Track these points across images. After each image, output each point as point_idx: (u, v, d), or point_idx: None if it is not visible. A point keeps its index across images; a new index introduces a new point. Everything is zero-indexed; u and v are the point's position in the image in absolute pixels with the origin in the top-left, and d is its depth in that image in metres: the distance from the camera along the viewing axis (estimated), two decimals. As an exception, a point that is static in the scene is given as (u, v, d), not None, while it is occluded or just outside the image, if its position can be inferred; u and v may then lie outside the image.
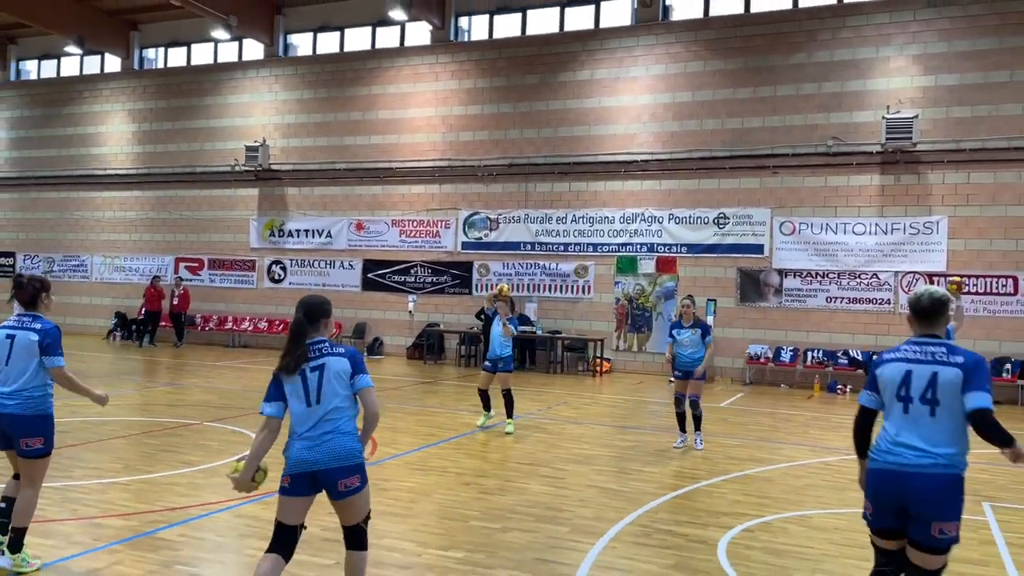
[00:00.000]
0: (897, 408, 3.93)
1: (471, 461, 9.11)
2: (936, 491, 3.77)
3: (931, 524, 3.77)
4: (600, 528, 6.62)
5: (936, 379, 3.83)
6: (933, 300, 4.03)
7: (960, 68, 16.95)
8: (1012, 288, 16.48)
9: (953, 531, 3.80)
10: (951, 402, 3.80)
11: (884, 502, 3.91)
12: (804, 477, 8.93)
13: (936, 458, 3.79)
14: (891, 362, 4.01)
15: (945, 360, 3.85)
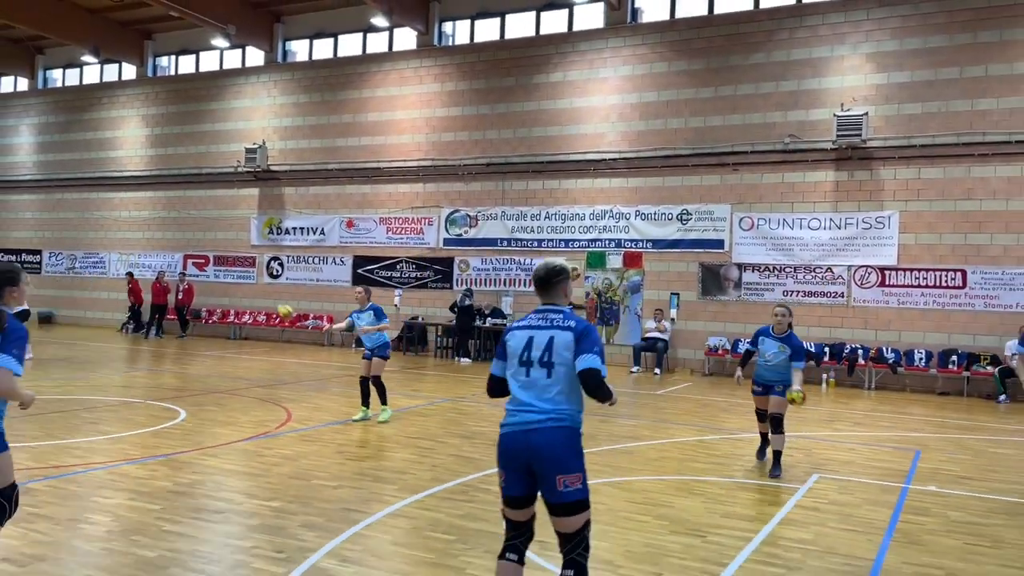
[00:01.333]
0: (520, 372, 4.17)
1: (369, 435, 9.95)
2: (554, 445, 4.00)
3: (555, 477, 3.96)
4: (424, 486, 7.42)
5: (552, 342, 4.13)
6: (548, 270, 4.40)
7: (911, 66, 17.25)
8: (961, 282, 16.74)
9: (577, 483, 3.99)
10: (565, 363, 4.10)
11: (512, 464, 4.08)
12: (664, 451, 9.58)
13: (551, 414, 4.06)
14: (517, 330, 4.28)
15: (561, 325, 4.17)
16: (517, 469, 4.08)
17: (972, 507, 7.46)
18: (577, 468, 4.05)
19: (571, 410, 4.14)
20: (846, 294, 17.71)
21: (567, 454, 4.03)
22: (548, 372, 4.12)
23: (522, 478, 4.08)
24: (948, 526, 6.79)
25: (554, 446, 4.02)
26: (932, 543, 6.29)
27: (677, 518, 6.73)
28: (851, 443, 10.70)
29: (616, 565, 5.52)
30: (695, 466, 8.87)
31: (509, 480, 4.12)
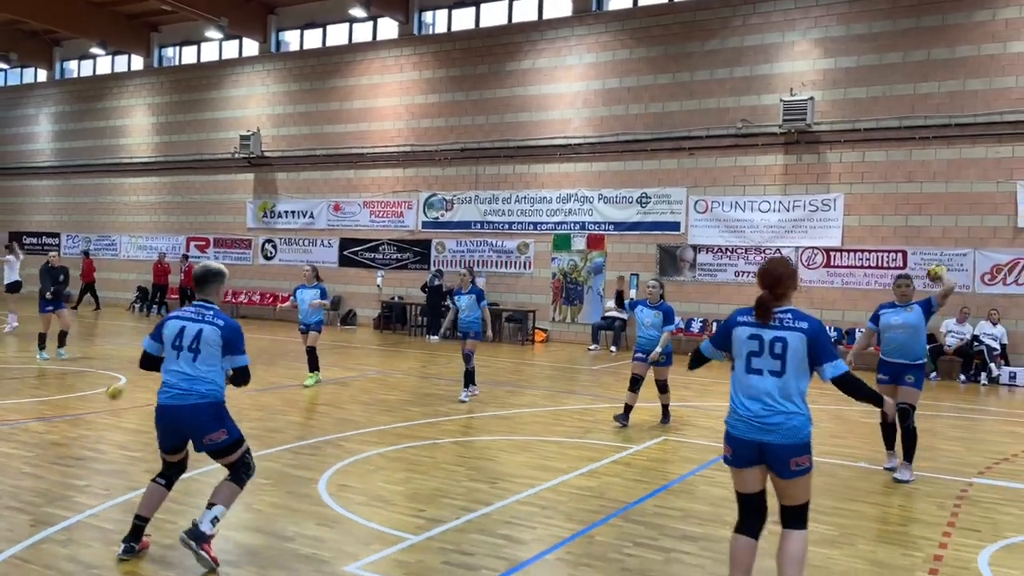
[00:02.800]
0: (172, 355, 5.03)
1: (281, 399, 10.92)
2: (198, 415, 4.96)
3: (202, 438, 4.99)
4: (290, 438, 8.34)
5: (201, 335, 4.98)
6: (205, 271, 5.18)
7: (857, 51, 17.59)
8: (901, 262, 17.12)
9: (221, 436, 4.98)
10: (210, 349, 4.99)
11: (164, 427, 5.05)
12: (541, 416, 10.38)
13: (195, 391, 4.95)
14: (172, 320, 5.12)
15: (211, 321, 5.01)
16: (166, 431, 5.08)
17: (776, 466, 8.14)
18: (218, 428, 5.03)
19: (213, 388, 5.04)
20: (793, 275, 18.15)
21: (208, 420, 4.98)
22: (194, 357, 5.03)
23: (174, 436, 5.08)
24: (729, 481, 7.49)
25: (198, 416, 4.97)
26: (701, 493, 7.02)
27: (487, 469, 7.55)
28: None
29: (390, 502, 6.38)
30: (557, 429, 9.66)
31: (162, 438, 5.10)
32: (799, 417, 4.15)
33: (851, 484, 7.55)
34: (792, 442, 4.12)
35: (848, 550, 5.68)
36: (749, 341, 4.23)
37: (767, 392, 4.16)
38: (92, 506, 6.02)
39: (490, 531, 5.78)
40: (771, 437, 4.13)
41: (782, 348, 4.15)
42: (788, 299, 4.28)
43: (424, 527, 5.77)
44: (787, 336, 4.16)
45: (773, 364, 4.16)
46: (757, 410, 4.17)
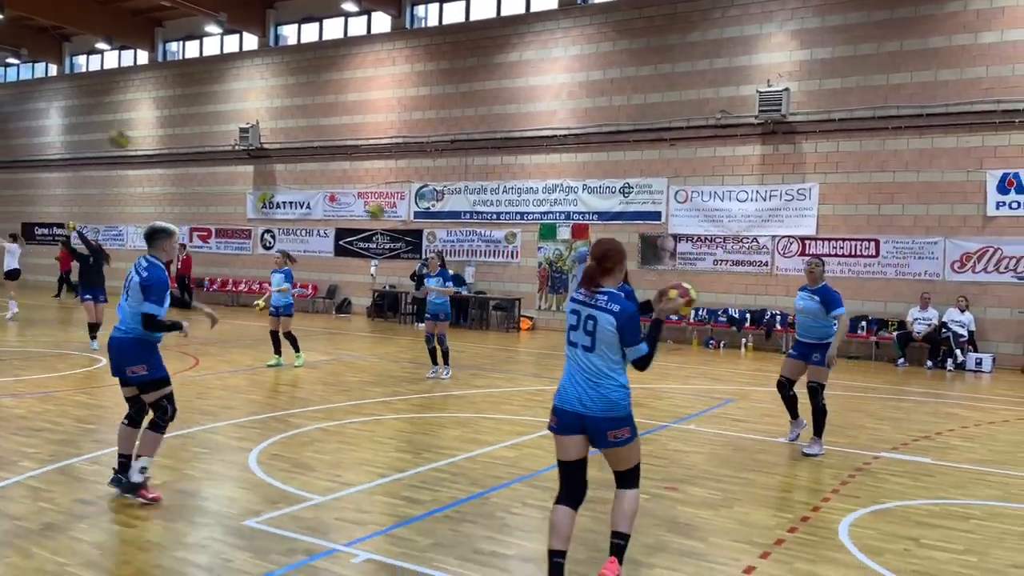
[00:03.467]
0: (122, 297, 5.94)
1: (247, 380, 11.46)
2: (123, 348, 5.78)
3: (126, 369, 5.77)
4: (242, 414, 8.86)
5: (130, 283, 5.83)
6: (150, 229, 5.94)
7: (832, 42, 17.82)
8: (874, 251, 17.38)
9: (141, 371, 5.74)
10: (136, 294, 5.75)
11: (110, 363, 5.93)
12: (493, 397, 10.83)
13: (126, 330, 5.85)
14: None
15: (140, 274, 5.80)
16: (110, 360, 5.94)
17: (695, 439, 8.56)
18: (138, 362, 5.80)
19: (135, 326, 5.82)
20: (770, 263, 18.49)
21: (130, 354, 5.80)
22: (127, 299, 5.87)
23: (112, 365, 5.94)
24: (644, 451, 7.92)
25: (123, 349, 5.84)
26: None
27: (417, 442, 8.02)
28: (681, 393, 11.76)
29: (311, 469, 6.86)
30: (503, 407, 10.11)
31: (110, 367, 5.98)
32: (616, 391, 4.36)
33: (757, 457, 7.94)
34: (609, 415, 4.35)
35: (723, 511, 6.10)
36: (570, 315, 4.48)
37: (583, 366, 4.40)
38: (32, 469, 6.55)
39: (394, 493, 6.25)
40: (588, 410, 4.35)
41: (593, 326, 4.36)
42: (614, 277, 4.49)
43: (334, 490, 6.25)
44: (598, 316, 4.36)
45: (585, 340, 4.39)
46: (577, 382, 4.41)
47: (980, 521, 6.10)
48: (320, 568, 4.69)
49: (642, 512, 6.05)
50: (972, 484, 7.18)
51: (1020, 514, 6.33)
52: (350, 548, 5.00)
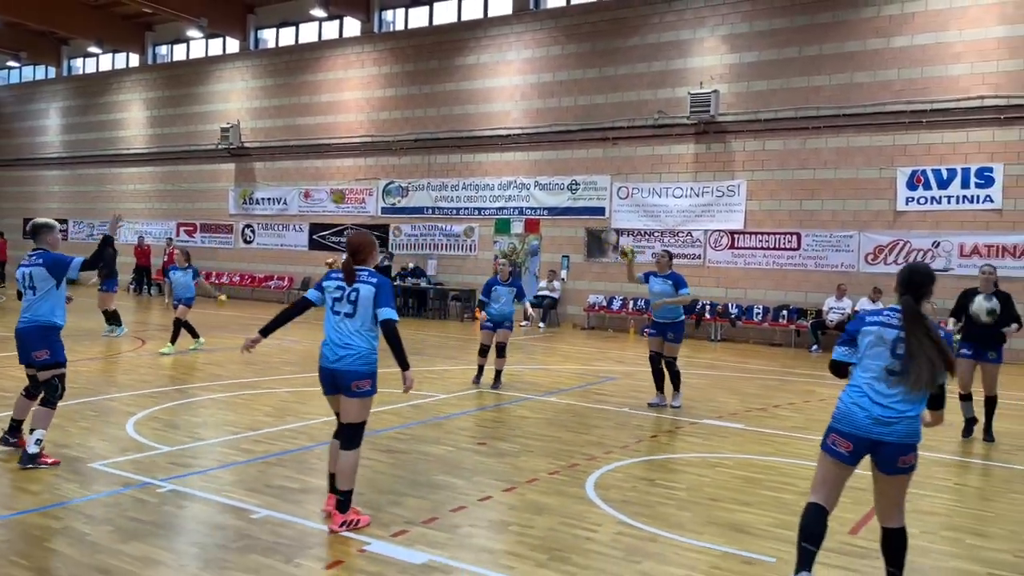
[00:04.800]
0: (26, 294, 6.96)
1: (136, 363, 12.68)
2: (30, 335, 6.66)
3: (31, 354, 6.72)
4: (148, 386, 10.07)
5: (31, 273, 6.89)
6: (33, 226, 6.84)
7: (759, 46, 18.77)
8: (796, 244, 18.34)
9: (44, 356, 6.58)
10: (42, 283, 6.83)
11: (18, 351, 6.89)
12: (395, 375, 11.94)
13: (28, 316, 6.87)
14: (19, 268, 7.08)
15: (36, 263, 6.86)
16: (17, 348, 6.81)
17: (544, 408, 9.65)
18: (41, 347, 6.67)
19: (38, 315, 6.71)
20: (702, 256, 19.48)
21: (35, 340, 6.68)
22: (33, 292, 6.73)
23: (20, 352, 6.79)
24: (489, 418, 9.04)
25: (29, 336, 6.68)
26: (449, 424, 8.57)
27: (287, 409, 9.18)
28: (573, 373, 12.83)
29: (178, 429, 8.03)
30: (394, 383, 11.21)
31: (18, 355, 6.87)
32: (362, 349, 5.37)
33: (587, 421, 9.02)
34: (352, 369, 5.34)
35: (508, 459, 7.19)
36: (336, 291, 5.54)
37: (340, 329, 5.43)
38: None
39: (234, 446, 7.41)
40: (338, 365, 5.36)
41: (356, 296, 5.40)
42: (367, 263, 5.55)
43: (183, 442, 7.42)
44: (361, 287, 5.41)
45: (348, 308, 5.42)
46: (332, 344, 5.43)
47: (725, 469, 7.17)
48: (127, 495, 5.84)
49: (432, 457, 7.20)
50: (756, 444, 8.23)
51: (764, 464, 7.38)
52: (162, 482, 6.16)
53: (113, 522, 5.25)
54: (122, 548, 4.80)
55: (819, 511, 4.16)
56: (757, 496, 6.36)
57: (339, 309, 5.49)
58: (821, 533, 4.13)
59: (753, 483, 6.74)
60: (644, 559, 4.97)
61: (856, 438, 4.08)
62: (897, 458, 4.04)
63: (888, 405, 4.02)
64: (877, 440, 4.04)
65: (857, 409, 4.08)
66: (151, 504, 5.66)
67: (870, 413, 4.04)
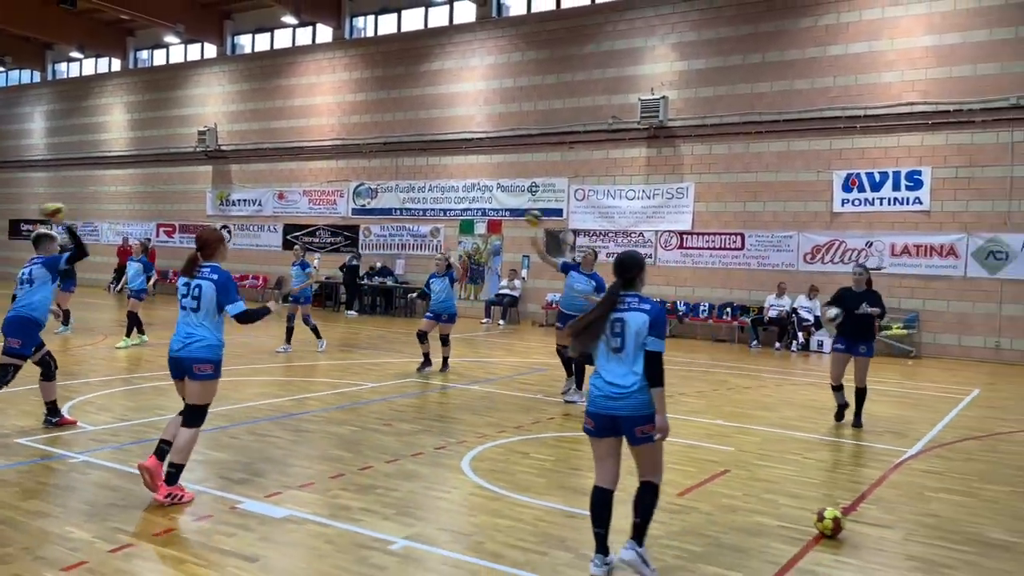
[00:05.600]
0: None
1: (91, 354, 13.40)
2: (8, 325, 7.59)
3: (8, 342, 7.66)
4: (89, 375, 10.78)
5: (32, 271, 7.67)
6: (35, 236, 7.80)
7: (706, 54, 19.51)
8: (740, 244, 19.07)
9: (15, 345, 7.51)
10: (37, 280, 7.65)
11: None
12: (337, 366, 12.69)
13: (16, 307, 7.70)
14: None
15: (35, 263, 7.65)
16: None
17: (466, 395, 10.37)
18: (17, 337, 7.59)
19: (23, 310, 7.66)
20: (654, 255, 20.21)
21: (12, 331, 7.59)
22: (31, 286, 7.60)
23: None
24: (405, 404, 9.77)
25: (9, 326, 7.60)
26: (364, 409, 9.29)
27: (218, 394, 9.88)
28: (508, 366, 13.56)
29: (106, 410, 8.75)
30: (331, 372, 11.96)
31: None
32: (207, 339, 5.86)
33: (494, 406, 9.73)
34: (195, 356, 5.83)
35: (405, 438, 7.89)
36: (182, 288, 6.05)
37: (184, 321, 5.97)
38: None
39: (154, 425, 8.10)
40: (182, 352, 5.88)
41: (199, 292, 5.92)
42: (213, 258, 6.02)
43: (108, 423, 8.14)
44: (203, 284, 5.92)
45: (192, 303, 5.95)
46: (180, 334, 5.95)
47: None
48: (41, 465, 6.56)
49: (335, 435, 7.91)
50: (643, 427, 8.93)
51: (638, 443, 8.09)
52: (76, 454, 6.88)
53: (21, 485, 5.97)
54: (21, 504, 5.52)
55: (601, 493, 4.63)
56: (614, 467, 7.08)
57: (185, 304, 5.98)
58: (606, 515, 4.59)
59: (617, 457, 7.46)
60: (480, 514, 5.69)
61: (597, 416, 4.60)
62: (634, 429, 4.51)
63: (615, 382, 4.54)
64: (614, 415, 4.53)
65: (595, 389, 4.63)
66: (60, 472, 6.39)
67: (603, 392, 4.57)
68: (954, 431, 9.34)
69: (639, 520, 4.58)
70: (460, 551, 4.97)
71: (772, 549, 5.21)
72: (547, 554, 4.98)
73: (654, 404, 4.52)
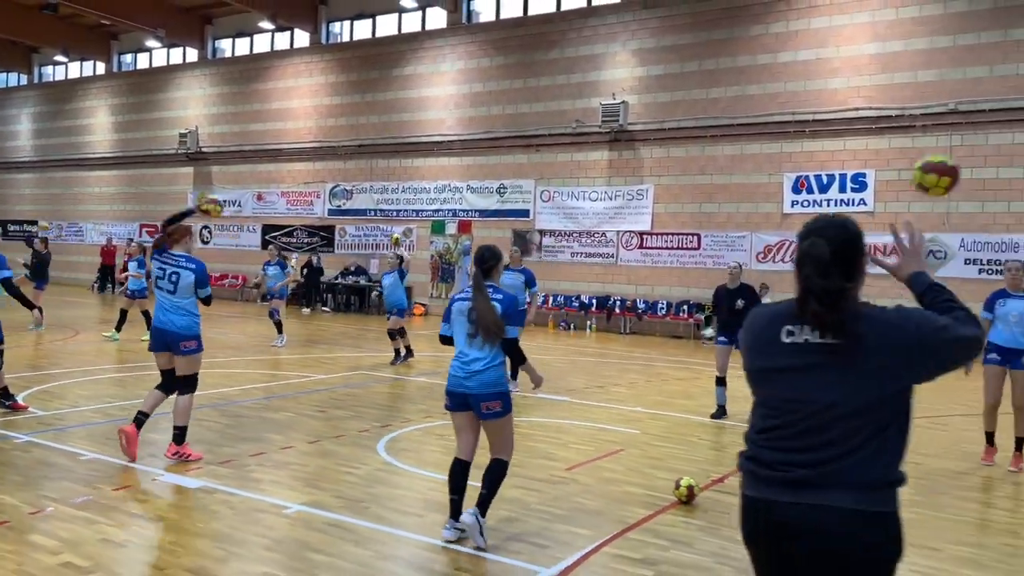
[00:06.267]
0: None
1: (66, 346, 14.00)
2: None
3: None
4: (52, 367, 11.40)
5: None
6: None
7: (664, 60, 20.16)
8: (696, 244, 19.72)
9: None
10: None
11: None
12: (293, 358, 13.32)
13: None
14: None
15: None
16: None
17: (408, 386, 10.99)
18: None
19: None
20: (615, 255, 20.85)
21: None
22: None
23: None
24: (345, 393, 10.40)
25: None
26: (306, 398, 9.92)
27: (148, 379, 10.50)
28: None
29: (61, 397, 9.38)
30: (282, 363, 12.58)
31: None
32: (185, 319, 6.80)
33: (430, 397, 10.34)
34: (176, 331, 6.76)
35: (333, 422, 8.52)
36: (158, 271, 6.93)
37: (161, 303, 6.85)
38: None
39: (102, 412, 8.73)
40: (167, 327, 6.79)
41: (176, 279, 6.82)
42: (181, 247, 6.94)
43: (57, 408, 8.76)
44: (181, 272, 6.83)
45: (169, 286, 6.83)
46: (159, 311, 6.86)
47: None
48: (-10, 442, 7.20)
49: (270, 420, 8.54)
50: (562, 411, 9.57)
51: (548, 424, 8.73)
52: (22, 436, 7.50)
53: (-35, 460, 6.60)
54: (-39, 476, 6.15)
55: (458, 463, 5.22)
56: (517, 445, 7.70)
57: (162, 286, 6.85)
58: (462, 484, 5.16)
59: (524, 437, 8.07)
60: (378, 485, 6.32)
61: (452, 393, 5.19)
62: (480, 405, 5.09)
63: (467, 363, 5.11)
64: (466, 392, 5.11)
65: (452, 370, 5.22)
66: (3, 450, 7.01)
67: (457, 372, 5.15)
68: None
69: (485, 492, 5.15)
70: (346, 514, 5.60)
71: (628, 512, 5.84)
72: (424, 516, 5.62)
73: (503, 384, 5.13)
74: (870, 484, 2.30)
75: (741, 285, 9.66)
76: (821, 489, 2.31)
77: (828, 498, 2.30)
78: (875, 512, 2.29)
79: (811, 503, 2.31)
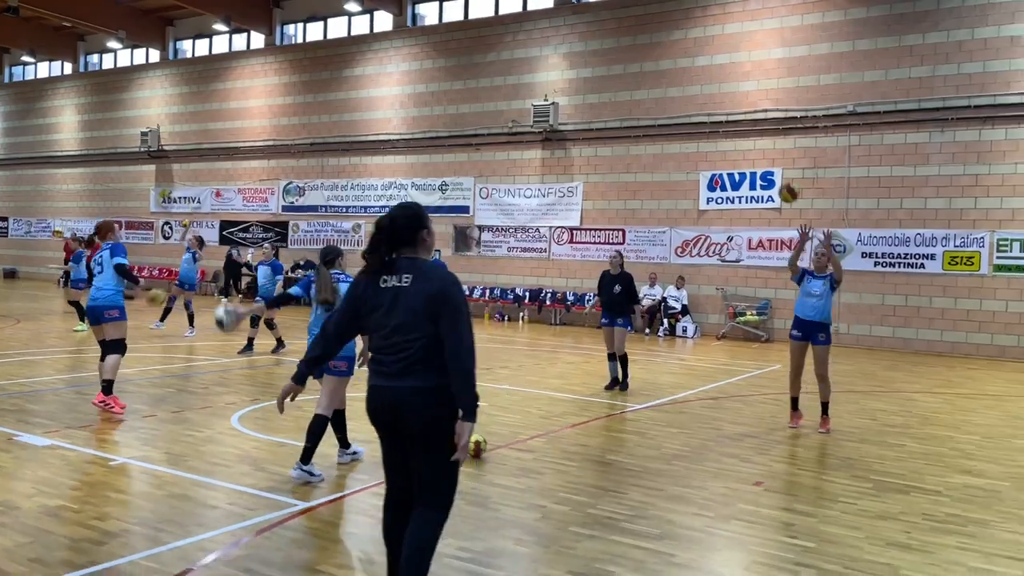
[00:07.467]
0: None
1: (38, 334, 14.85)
2: None
3: None
4: (10, 355, 12.24)
5: None
6: None
7: (592, 63, 21.03)
8: (622, 238, 20.61)
9: None
10: None
11: None
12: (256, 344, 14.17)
13: None
14: None
15: None
16: None
17: (295, 369, 11.86)
18: None
19: None
20: (547, 249, 21.74)
21: None
22: None
23: None
24: (250, 374, 11.26)
25: None
26: (195, 379, 10.78)
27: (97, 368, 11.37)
28: (371, 348, 15.04)
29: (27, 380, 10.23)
30: (228, 350, 13.42)
31: None
32: (107, 291, 8.17)
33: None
34: (103, 305, 8.15)
35: (213, 398, 9.38)
36: (96, 264, 8.13)
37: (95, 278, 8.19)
38: None
39: (64, 398, 9.59)
40: (93, 304, 8.21)
41: (101, 259, 8.28)
42: (107, 238, 8.27)
43: (9, 390, 9.63)
44: (104, 254, 8.29)
45: (98, 268, 8.24)
46: (92, 290, 8.23)
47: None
48: None
49: (155, 396, 9.40)
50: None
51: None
52: (-86, 404, 8.36)
53: None
54: None
55: (318, 418, 6.38)
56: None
57: (94, 271, 8.28)
58: (319, 432, 6.29)
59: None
60: (209, 444, 7.19)
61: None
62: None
63: (315, 325, 6.39)
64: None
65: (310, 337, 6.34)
66: None
67: (313, 334, 6.34)
68: (703, 396, 10.89)
69: (308, 445, 6.26)
70: (164, 466, 6.47)
71: (415, 466, 6.71)
72: (232, 467, 6.49)
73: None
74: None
75: (621, 272, 10.59)
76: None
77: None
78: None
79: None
